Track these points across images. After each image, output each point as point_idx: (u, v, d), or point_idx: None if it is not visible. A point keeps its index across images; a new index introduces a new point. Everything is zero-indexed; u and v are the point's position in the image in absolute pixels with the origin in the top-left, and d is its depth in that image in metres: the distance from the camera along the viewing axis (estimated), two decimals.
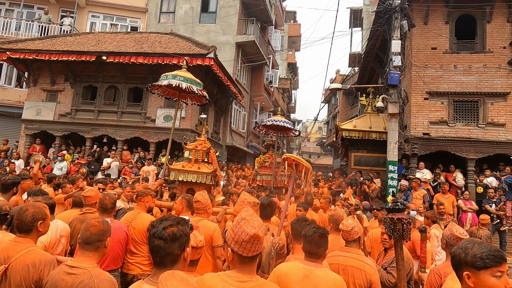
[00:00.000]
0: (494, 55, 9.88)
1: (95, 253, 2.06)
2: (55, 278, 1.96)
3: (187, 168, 5.37)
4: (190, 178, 5.31)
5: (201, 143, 5.64)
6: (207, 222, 3.51)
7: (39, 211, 2.34)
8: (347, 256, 2.71)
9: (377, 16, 10.26)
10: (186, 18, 16.56)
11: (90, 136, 12.22)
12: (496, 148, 9.51)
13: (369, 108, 12.13)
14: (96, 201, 3.60)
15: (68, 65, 12.31)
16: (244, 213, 1.70)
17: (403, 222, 1.71)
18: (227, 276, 1.64)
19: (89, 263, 2.01)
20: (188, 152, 5.57)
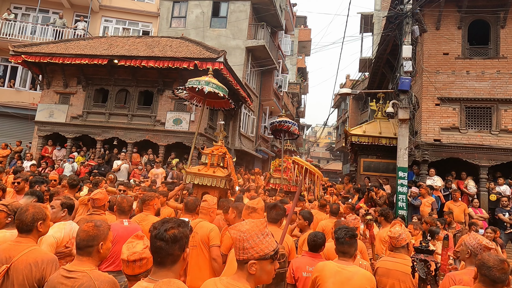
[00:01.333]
0: (508, 60, 9.70)
1: (89, 257, 2.03)
2: (54, 282, 1.95)
3: (202, 172, 5.55)
4: (205, 181, 5.47)
5: (217, 148, 5.83)
6: (205, 223, 3.54)
7: (39, 211, 2.35)
8: (394, 261, 2.86)
9: (388, 21, 10.19)
10: (197, 22, 16.72)
11: (101, 138, 12.38)
12: (510, 155, 9.30)
13: (379, 114, 12.01)
14: (104, 203, 3.65)
15: (80, 69, 12.54)
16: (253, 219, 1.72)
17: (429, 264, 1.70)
18: (220, 280, 1.66)
19: (87, 266, 2.00)
20: (204, 157, 5.74)
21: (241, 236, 1.60)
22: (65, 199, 3.16)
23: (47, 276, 2.13)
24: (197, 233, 3.46)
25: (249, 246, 1.60)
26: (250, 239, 1.60)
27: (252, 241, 1.60)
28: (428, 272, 1.58)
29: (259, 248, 1.61)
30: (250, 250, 1.59)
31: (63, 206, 3.16)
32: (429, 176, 9.41)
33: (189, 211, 4.03)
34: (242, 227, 1.63)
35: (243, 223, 1.66)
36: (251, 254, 1.60)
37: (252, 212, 3.20)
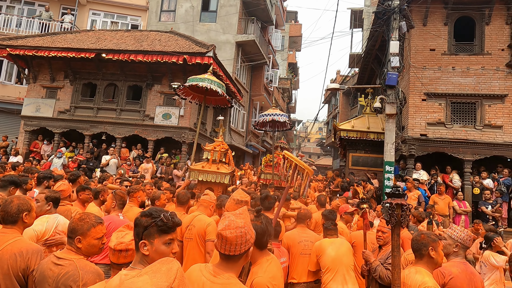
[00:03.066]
0: (492, 57, 9.89)
1: (72, 247, 2.07)
2: (44, 267, 2.01)
3: (206, 168, 5.65)
4: (210, 178, 5.59)
5: (219, 144, 5.93)
6: (203, 216, 3.59)
7: (24, 202, 2.37)
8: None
9: (376, 17, 10.28)
10: (187, 16, 16.59)
11: (89, 133, 12.25)
12: (493, 150, 9.53)
13: (367, 109, 12.15)
14: (69, 194, 3.70)
15: (67, 62, 12.35)
16: (233, 212, 1.73)
17: (402, 208, 1.69)
18: (206, 267, 1.68)
19: (75, 255, 2.04)
20: (207, 153, 5.82)
21: (242, 232, 1.61)
22: (50, 192, 3.16)
23: (32, 266, 2.15)
24: (194, 226, 3.50)
25: (250, 236, 1.65)
26: (249, 230, 1.66)
27: (250, 231, 1.67)
28: (392, 214, 1.62)
29: (253, 233, 1.69)
30: (250, 239, 1.66)
31: (48, 200, 3.16)
32: (415, 170, 9.58)
33: (181, 203, 4.12)
34: (238, 223, 1.62)
35: (233, 220, 1.64)
36: (250, 242, 1.66)
37: (239, 205, 3.22)
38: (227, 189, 6.06)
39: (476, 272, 2.84)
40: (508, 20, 9.88)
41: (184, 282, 1.16)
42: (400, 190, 1.81)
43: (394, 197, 1.73)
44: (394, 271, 1.68)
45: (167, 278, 1.12)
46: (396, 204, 1.71)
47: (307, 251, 3.66)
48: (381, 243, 3.39)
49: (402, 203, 1.71)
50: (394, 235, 1.71)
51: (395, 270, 1.68)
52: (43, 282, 1.97)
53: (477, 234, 6.49)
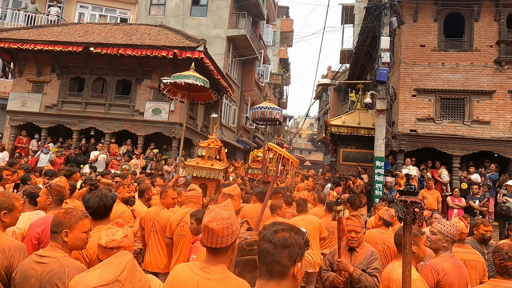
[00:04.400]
0: (481, 53, 10.00)
1: (57, 244, 2.02)
2: (25, 267, 1.93)
3: (201, 164, 5.81)
4: (204, 174, 5.75)
5: (213, 141, 6.07)
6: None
7: (5, 200, 2.28)
8: (467, 252, 3.35)
9: (367, 12, 10.27)
10: (177, 10, 16.38)
11: (77, 128, 12.04)
12: (481, 145, 9.66)
13: (358, 105, 12.17)
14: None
15: (54, 56, 12.09)
16: (218, 205, 1.71)
17: (415, 205, 1.68)
18: (194, 265, 1.65)
19: (59, 252, 1.98)
20: (201, 150, 5.99)
21: (228, 223, 1.60)
22: (30, 188, 3.07)
23: (15, 263, 2.09)
24: (186, 222, 3.45)
25: (236, 228, 1.64)
26: (235, 222, 1.65)
27: (236, 223, 1.66)
28: (408, 212, 1.61)
29: (238, 225, 1.69)
30: (236, 231, 1.65)
31: (24, 194, 3.08)
32: (405, 166, 9.67)
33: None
34: (224, 215, 1.61)
35: (219, 212, 1.62)
36: (236, 234, 1.65)
37: (223, 197, 3.23)
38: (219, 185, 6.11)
39: (462, 264, 2.88)
40: (496, 17, 9.98)
41: (134, 274, 1.14)
42: (414, 188, 1.81)
43: (407, 194, 1.72)
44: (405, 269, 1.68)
45: (115, 270, 1.12)
46: (411, 202, 1.69)
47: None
48: (355, 245, 3.01)
49: (416, 200, 1.70)
50: (406, 232, 1.71)
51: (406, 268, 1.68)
52: (25, 282, 1.89)
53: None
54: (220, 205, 1.68)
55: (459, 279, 2.66)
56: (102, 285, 1.09)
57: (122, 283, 1.11)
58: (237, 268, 2.31)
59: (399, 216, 1.63)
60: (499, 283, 2.16)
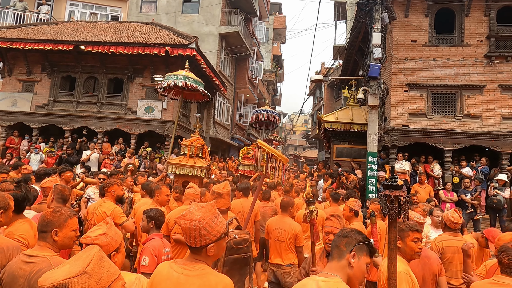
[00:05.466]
0: (472, 48, 10.08)
1: (46, 243, 2.01)
2: (13, 268, 1.91)
3: (183, 162, 5.94)
4: (187, 171, 5.90)
5: (195, 139, 6.21)
6: None
7: (1, 200, 2.28)
8: (461, 240, 3.50)
9: (359, 8, 10.29)
10: (169, 8, 16.26)
11: (69, 128, 11.93)
12: (472, 139, 9.76)
13: (351, 100, 12.22)
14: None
15: (45, 55, 11.95)
16: (201, 204, 1.70)
17: (400, 200, 1.65)
18: (175, 263, 1.65)
19: (48, 252, 1.97)
20: (184, 148, 6.12)
21: (196, 225, 1.58)
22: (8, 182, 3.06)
23: None
24: None
25: (207, 232, 1.60)
26: (206, 226, 1.60)
27: (209, 227, 1.61)
28: (391, 207, 1.58)
29: (215, 231, 1.62)
30: (208, 235, 1.60)
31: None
32: (398, 161, 9.74)
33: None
34: (194, 216, 1.60)
35: (192, 211, 1.62)
36: (209, 239, 1.60)
37: (218, 198, 3.18)
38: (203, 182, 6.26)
39: (433, 255, 2.94)
40: (486, 12, 10.06)
41: (102, 265, 1.18)
42: (397, 182, 1.77)
43: (391, 188, 1.70)
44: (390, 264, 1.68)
45: (82, 263, 1.15)
46: (394, 197, 1.67)
47: (280, 238, 3.93)
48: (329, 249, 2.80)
49: (400, 195, 1.67)
50: (391, 228, 1.69)
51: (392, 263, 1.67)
52: (13, 283, 1.88)
53: None
54: (200, 205, 1.67)
55: (423, 270, 2.73)
56: (70, 277, 1.12)
57: (89, 274, 1.14)
58: (226, 267, 2.32)
59: (384, 212, 1.61)
60: (502, 279, 2.19)
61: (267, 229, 4.14)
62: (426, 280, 2.81)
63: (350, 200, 4.36)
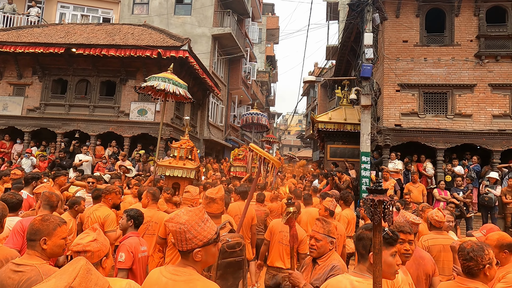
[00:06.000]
0: (462, 48, 10.19)
1: (35, 252, 1.99)
2: (2, 277, 1.89)
3: (173, 164, 6.04)
4: (176, 173, 5.98)
5: (185, 141, 6.31)
6: None
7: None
8: (444, 238, 3.55)
9: (350, 9, 10.34)
10: (161, 9, 16.20)
11: (61, 131, 11.83)
12: (463, 138, 9.86)
13: (344, 101, 12.27)
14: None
15: (35, 58, 11.83)
16: (190, 208, 1.70)
17: (384, 204, 1.63)
18: (165, 268, 1.65)
19: (37, 260, 1.95)
20: (173, 150, 6.22)
21: (181, 228, 1.58)
22: (7, 194, 3.03)
23: None
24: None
25: (192, 236, 1.59)
26: (192, 229, 1.59)
27: (194, 231, 1.59)
28: (375, 211, 1.58)
29: (202, 235, 1.61)
30: (193, 239, 1.59)
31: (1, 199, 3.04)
32: (391, 160, 9.80)
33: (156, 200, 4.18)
34: (180, 219, 1.59)
35: (180, 214, 1.62)
36: (195, 243, 1.59)
37: (210, 202, 3.12)
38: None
39: (427, 256, 2.96)
40: (476, 12, 10.17)
41: (89, 278, 1.15)
42: (381, 186, 1.77)
43: (375, 193, 1.69)
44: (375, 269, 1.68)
45: (68, 277, 1.12)
46: (378, 201, 1.66)
47: (284, 241, 3.90)
48: (314, 254, 2.59)
49: (384, 199, 1.67)
50: (375, 232, 1.69)
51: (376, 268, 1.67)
52: None
53: None
54: (188, 209, 1.68)
55: (417, 270, 2.76)
56: None
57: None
58: (219, 270, 2.31)
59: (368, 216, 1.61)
60: (464, 281, 2.15)
61: (271, 230, 4.10)
62: (420, 280, 2.85)
63: (326, 199, 4.40)
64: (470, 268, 2.11)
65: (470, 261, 2.10)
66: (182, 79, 12.33)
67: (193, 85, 13.58)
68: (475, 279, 2.11)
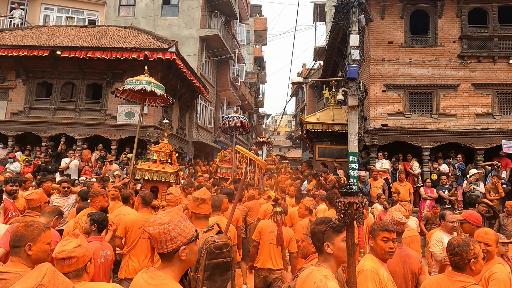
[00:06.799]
0: (445, 48, 10.40)
1: (19, 258, 1.99)
2: None
3: (152, 168, 5.98)
4: (155, 177, 5.93)
5: (164, 145, 6.26)
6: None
7: None
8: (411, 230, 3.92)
9: (336, 11, 10.45)
10: (147, 11, 16.08)
11: (46, 135, 11.62)
12: (448, 137, 10.06)
13: (332, 101, 12.39)
14: (40, 204, 3.49)
15: (19, 61, 11.60)
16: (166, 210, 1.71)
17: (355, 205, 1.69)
18: (147, 271, 1.66)
19: (21, 267, 1.95)
20: (153, 154, 6.19)
21: (165, 228, 1.58)
22: None
23: None
24: None
25: (177, 234, 1.60)
26: (176, 227, 1.60)
27: (178, 228, 1.61)
28: (345, 213, 1.62)
29: (185, 232, 1.63)
30: (179, 237, 1.60)
31: None
32: (378, 160, 9.93)
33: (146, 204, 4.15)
34: (162, 220, 1.60)
35: (160, 217, 1.63)
36: (180, 241, 1.61)
37: (202, 203, 3.12)
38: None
39: (413, 254, 3.00)
40: (458, 13, 10.40)
41: (56, 277, 1.19)
42: (353, 188, 1.81)
43: (346, 195, 1.73)
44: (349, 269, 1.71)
45: (36, 278, 1.15)
46: (349, 203, 1.70)
47: (274, 242, 3.91)
48: (301, 255, 2.71)
49: (355, 201, 1.71)
50: (348, 233, 1.73)
51: (350, 268, 1.70)
52: None
53: (436, 217, 6.91)
54: (166, 211, 1.68)
55: (404, 268, 2.81)
56: None
57: (45, 286, 1.15)
58: (207, 271, 2.31)
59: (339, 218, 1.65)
60: (452, 275, 2.26)
61: (260, 231, 4.10)
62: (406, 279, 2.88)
63: (306, 198, 4.61)
64: (456, 262, 2.23)
65: (455, 256, 2.23)
66: (170, 81, 12.33)
67: (181, 87, 13.53)
68: (462, 273, 2.22)
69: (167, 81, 12.23)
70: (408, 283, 2.89)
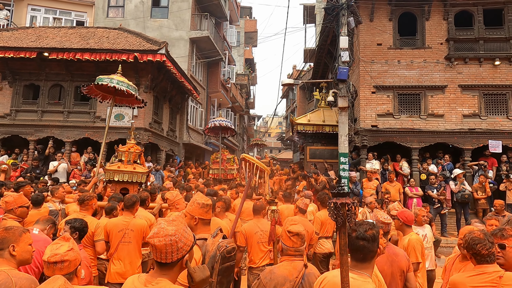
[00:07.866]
0: (433, 50, 10.57)
1: (3, 259, 2.04)
2: None
3: (122, 168, 5.78)
4: (126, 177, 5.74)
5: (132, 145, 6.14)
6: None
7: None
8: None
9: (326, 13, 10.54)
10: (137, 12, 15.96)
11: (34, 138, 11.42)
12: (436, 137, 10.21)
13: (322, 103, 12.48)
14: (13, 208, 3.43)
15: (5, 63, 11.39)
16: (166, 218, 1.69)
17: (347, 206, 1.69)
18: (139, 277, 1.64)
19: (6, 266, 2.01)
20: (121, 154, 5.99)
21: (172, 240, 1.56)
22: None
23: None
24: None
25: (183, 244, 1.61)
26: (182, 238, 1.60)
27: (184, 238, 1.62)
28: (338, 214, 1.62)
29: (189, 241, 1.65)
30: (184, 247, 1.61)
31: None
32: (368, 160, 10.03)
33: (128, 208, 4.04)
34: (168, 231, 1.57)
35: (164, 227, 1.60)
36: (185, 250, 1.62)
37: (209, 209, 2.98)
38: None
39: (400, 252, 3.05)
40: (445, 16, 10.59)
41: None
42: (344, 189, 1.82)
43: (338, 196, 1.73)
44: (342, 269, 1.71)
45: None
46: (341, 204, 1.71)
47: (262, 240, 3.98)
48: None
49: (347, 202, 1.71)
50: (340, 234, 1.74)
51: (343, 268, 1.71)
52: None
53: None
54: (168, 219, 1.66)
55: (392, 267, 2.85)
56: None
57: None
58: (219, 275, 2.32)
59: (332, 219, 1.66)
60: (486, 268, 2.31)
61: (246, 235, 4.07)
62: (395, 277, 2.92)
63: (300, 200, 4.95)
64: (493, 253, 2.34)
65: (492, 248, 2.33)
66: (160, 83, 12.26)
67: (172, 89, 13.45)
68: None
69: (157, 83, 12.16)
70: (396, 281, 2.93)
